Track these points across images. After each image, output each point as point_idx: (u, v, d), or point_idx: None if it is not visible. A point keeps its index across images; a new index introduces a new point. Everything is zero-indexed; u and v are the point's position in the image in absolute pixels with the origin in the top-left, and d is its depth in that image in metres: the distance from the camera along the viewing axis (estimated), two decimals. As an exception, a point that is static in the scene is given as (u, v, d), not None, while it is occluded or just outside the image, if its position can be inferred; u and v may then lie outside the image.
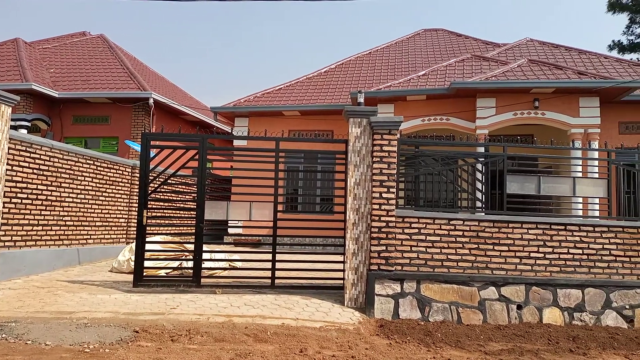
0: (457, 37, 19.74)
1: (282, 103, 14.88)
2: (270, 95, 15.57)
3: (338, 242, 7.06)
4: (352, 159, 6.61)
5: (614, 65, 14.46)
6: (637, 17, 31.20)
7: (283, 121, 14.90)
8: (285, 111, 14.75)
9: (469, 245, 6.41)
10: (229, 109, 14.99)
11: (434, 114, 12.83)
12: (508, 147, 6.86)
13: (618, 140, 11.83)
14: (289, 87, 16.14)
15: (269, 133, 12.39)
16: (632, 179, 7.21)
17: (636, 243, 6.50)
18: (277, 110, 14.73)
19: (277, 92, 15.80)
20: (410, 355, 4.70)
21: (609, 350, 5.21)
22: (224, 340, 4.74)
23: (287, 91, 15.85)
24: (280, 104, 14.80)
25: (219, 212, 6.84)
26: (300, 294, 6.70)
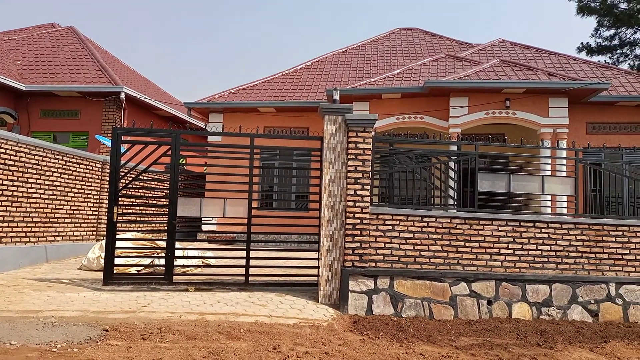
0: (432, 36, 19.98)
1: (258, 99, 14.78)
2: (245, 91, 15.45)
3: (313, 239, 7.07)
4: (327, 156, 6.62)
5: (582, 67, 14.88)
6: (604, 20, 32.16)
7: (258, 117, 14.81)
8: (261, 107, 14.66)
9: (441, 242, 6.51)
10: (203, 104, 14.80)
11: (408, 113, 12.96)
12: (479, 146, 6.98)
13: (585, 140, 12.19)
14: (265, 84, 16.05)
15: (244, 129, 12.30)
16: (598, 177, 7.45)
17: (601, 240, 6.71)
18: (253, 107, 14.63)
19: (252, 88, 15.68)
20: (383, 350, 4.75)
21: (574, 344, 5.37)
22: (196, 338, 4.69)
23: (263, 87, 15.76)
24: (255, 100, 14.70)
25: (192, 209, 6.75)
26: (274, 291, 6.69)
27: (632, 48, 32.67)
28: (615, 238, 6.73)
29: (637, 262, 6.72)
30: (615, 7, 31.25)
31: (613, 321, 6.43)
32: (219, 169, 7.02)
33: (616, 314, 6.52)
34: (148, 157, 6.75)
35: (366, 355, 4.52)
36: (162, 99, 18.19)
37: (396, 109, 13.01)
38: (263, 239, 13.06)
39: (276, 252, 8.33)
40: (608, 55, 33.06)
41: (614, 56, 32.95)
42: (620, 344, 5.43)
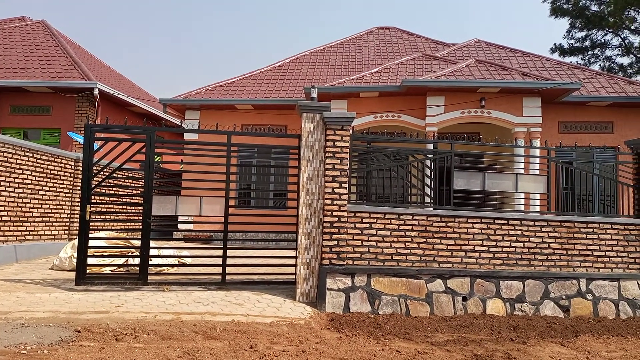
0: (409, 36, 20.13)
1: (235, 96, 14.65)
2: (222, 89, 15.30)
3: (291, 237, 7.05)
4: (305, 154, 6.60)
5: (555, 67, 15.21)
6: (577, 22, 32.93)
7: (236, 115, 14.69)
8: (238, 105, 14.54)
9: (417, 240, 6.57)
10: (180, 101, 14.59)
11: (386, 111, 13.03)
12: (455, 145, 7.06)
13: (558, 139, 12.47)
14: (242, 81, 15.92)
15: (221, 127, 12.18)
16: (569, 176, 7.62)
17: (572, 237, 6.88)
18: (230, 104, 14.49)
19: (229, 85, 15.54)
20: (360, 347, 4.77)
21: (546, 339, 5.49)
22: (171, 338, 4.63)
23: (240, 85, 15.63)
24: (233, 97, 14.56)
25: (167, 207, 6.65)
26: (251, 289, 6.65)
27: (602, 50, 33.55)
28: (586, 235, 6.91)
29: (606, 259, 6.91)
30: (587, 9, 32.04)
31: (583, 316, 6.60)
32: (195, 166, 6.94)
33: (586, 309, 6.69)
34: (122, 154, 6.63)
35: (343, 353, 4.53)
36: (137, 95, 17.87)
37: (374, 108, 13.07)
38: (241, 237, 12.98)
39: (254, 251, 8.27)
40: (580, 56, 33.88)
41: (586, 57, 33.78)
42: (590, 338, 5.58)
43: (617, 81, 14.15)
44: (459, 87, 12.17)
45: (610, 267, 6.91)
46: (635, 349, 5.26)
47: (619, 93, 13.15)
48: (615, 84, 13.80)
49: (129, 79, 21.33)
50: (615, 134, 13.23)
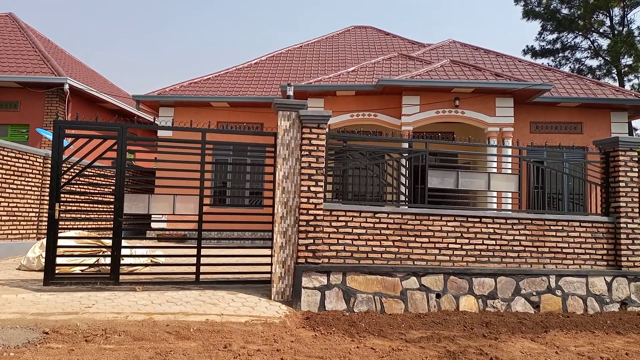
0: (385, 35, 20.26)
1: (211, 93, 14.48)
2: (197, 85, 15.11)
3: (267, 235, 7.02)
4: (281, 152, 6.57)
5: (527, 68, 15.53)
6: (548, 24, 33.71)
7: (211, 112, 14.53)
8: (214, 102, 14.39)
9: (392, 238, 6.62)
10: (153, 97, 14.35)
11: (362, 110, 13.09)
12: (429, 144, 7.13)
13: (529, 139, 12.74)
14: (218, 78, 15.75)
15: (196, 124, 12.03)
16: (540, 175, 7.79)
17: (543, 234, 7.03)
18: (205, 101, 14.32)
19: (205, 82, 15.36)
20: (335, 345, 4.77)
21: (517, 334, 5.60)
22: (143, 339, 4.54)
23: (216, 82, 15.46)
24: (208, 95, 14.39)
25: (139, 206, 6.53)
26: (226, 289, 6.58)
27: (572, 52, 34.44)
28: (556, 232, 7.07)
29: (575, 256, 7.09)
30: (557, 12, 32.82)
31: (553, 312, 6.76)
32: (169, 164, 6.82)
33: (556, 304, 6.85)
34: (93, 151, 6.47)
35: (318, 351, 4.53)
36: (109, 91, 17.50)
37: (350, 106, 13.11)
38: (216, 236, 12.86)
39: (229, 250, 8.20)
40: (551, 58, 34.70)
41: (557, 59, 34.62)
42: (560, 334, 5.71)
43: (586, 83, 14.54)
44: (433, 87, 12.30)
45: (578, 263, 7.10)
46: (601, 343, 5.41)
47: (588, 94, 13.51)
48: (585, 86, 14.18)
49: (101, 75, 20.87)
50: (584, 134, 13.60)
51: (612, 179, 7.42)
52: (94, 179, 9.65)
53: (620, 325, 6.22)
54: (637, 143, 7.42)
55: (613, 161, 7.43)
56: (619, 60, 31.03)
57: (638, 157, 7.45)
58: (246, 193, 13.28)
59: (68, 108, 14.18)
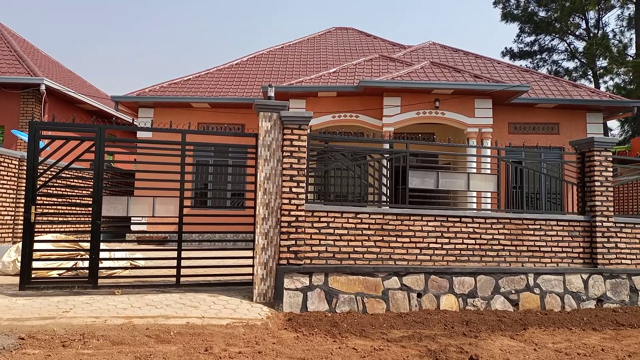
0: (367, 37, 20.36)
1: (191, 94, 14.37)
2: (177, 86, 14.96)
3: (249, 237, 6.97)
4: (262, 154, 6.55)
5: (506, 70, 15.76)
6: (526, 27, 34.30)
7: (192, 113, 14.40)
8: (194, 103, 14.26)
9: (374, 238, 6.65)
10: (132, 98, 14.15)
11: (344, 111, 13.12)
12: (410, 145, 7.19)
13: (507, 139, 12.92)
14: (198, 78, 15.63)
15: (176, 125, 11.91)
16: (519, 174, 7.92)
17: (521, 233, 7.15)
18: (186, 102, 14.19)
19: (185, 83, 15.22)
20: (317, 346, 4.77)
21: (497, 332, 5.67)
22: (122, 343, 4.48)
23: (196, 82, 15.33)
24: (188, 95, 14.27)
25: (118, 208, 6.43)
26: (207, 291, 6.53)
27: (550, 54, 35.11)
28: (534, 231, 7.20)
29: (552, 254, 7.23)
30: (535, 15, 33.42)
31: (531, 309, 6.87)
32: (149, 166, 6.73)
33: (534, 302, 6.97)
34: (70, 153, 6.36)
35: (300, 352, 4.53)
36: (87, 92, 17.21)
37: (332, 107, 13.14)
38: (197, 238, 12.73)
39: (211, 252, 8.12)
40: (529, 60, 35.32)
41: (534, 61, 35.26)
42: (538, 331, 5.81)
43: (562, 84, 14.84)
44: (414, 88, 12.40)
45: (556, 262, 7.23)
46: (578, 339, 5.52)
47: (565, 96, 13.79)
48: (561, 87, 14.47)
49: (78, 75, 20.52)
50: (561, 134, 13.87)
51: (588, 179, 7.58)
52: (72, 181, 9.48)
53: (596, 321, 6.36)
54: (611, 143, 7.59)
55: (589, 161, 7.59)
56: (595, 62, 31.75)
57: (613, 157, 7.63)
58: (228, 194, 13.19)
59: (44, 109, 13.90)
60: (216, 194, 13.27)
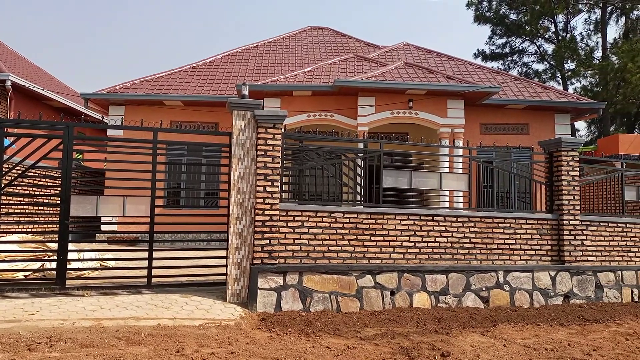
0: (342, 36, 20.43)
1: (164, 92, 14.14)
2: (149, 84, 14.70)
3: (223, 237, 6.90)
4: (236, 152, 6.50)
5: (477, 71, 16.05)
6: (497, 29, 35.00)
7: (164, 111, 14.17)
8: (167, 101, 14.04)
9: (348, 237, 6.68)
10: (103, 95, 13.84)
11: (319, 110, 13.14)
12: (384, 144, 7.25)
13: (479, 139, 13.17)
14: (171, 76, 15.39)
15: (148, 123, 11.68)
16: (489, 174, 8.07)
17: (491, 231, 7.29)
18: (158, 100, 13.95)
19: (157, 80, 14.97)
20: (291, 346, 4.77)
21: (468, 329, 5.78)
22: (91, 346, 4.38)
23: (169, 80, 15.10)
24: (161, 93, 14.03)
25: (87, 208, 6.28)
26: (179, 292, 6.44)
27: (520, 56, 35.93)
28: (504, 230, 7.35)
29: (521, 252, 7.40)
30: (506, 17, 34.13)
31: (501, 306, 7.02)
32: (119, 164, 6.59)
33: (504, 299, 7.12)
34: (37, 151, 6.17)
35: (273, 352, 4.51)
36: (56, 89, 16.76)
37: (307, 107, 13.13)
38: (170, 238, 12.54)
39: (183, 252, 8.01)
40: (500, 61, 36.07)
41: (506, 63, 36.02)
42: (507, 327, 5.94)
43: (532, 86, 15.20)
44: (388, 89, 12.51)
45: (525, 259, 7.40)
46: (546, 335, 5.67)
47: (534, 97, 14.12)
48: (531, 89, 14.81)
49: (47, 72, 19.95)
50: (530, 135, 14.20)
51: (556, 178, 7.78)
52: (39, 180, 9.22)
53: (563, 317, 6.54)
54: (578, 144, 7.81)
55: (556, 161, 7.80)
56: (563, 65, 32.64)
57: (579, 157, 7.86)
58: (201, 194, 13.04)
59: (10, 106, 13.47)
60: (189, 193, 13.09)
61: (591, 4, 31.09)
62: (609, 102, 27.07)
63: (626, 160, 11.01)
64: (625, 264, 7.98)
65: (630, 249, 8.09)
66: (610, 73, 27.64)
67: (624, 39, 30.24)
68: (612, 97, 27.67)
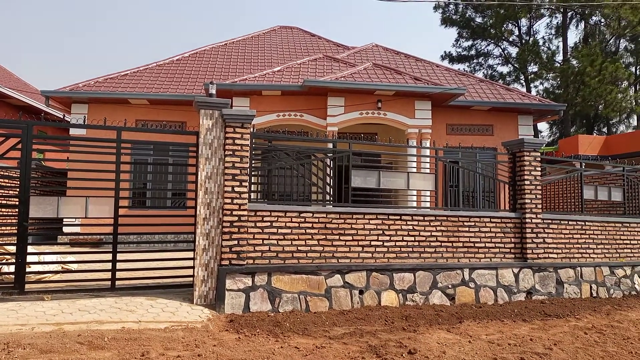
0: (311, 36, 20.44)
1: (129, 90, 13.82)
2: (114, 81, 14.35)
3: (190, 238, 6.79)
4: (204, 152, 6.41)
5: (444, 73, 16.36)
6: (464, 32, 35.73)
7: (129, 110, 13.86)
8: (132, 99, 13.73)
9: (317, 237, 6.69)
10: (65, 93, 13.42)
11: (288, 110, 13.11)
12: (353, 144, 7.29)
13: (445, 140, 13.41)
14: (137, 74, 15.06)
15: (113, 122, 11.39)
16: (456, 174, 8.23)
17: (457, 230, 7.44)
18: (123, 98, 13.63)
19: (122, 78, 14.62)
20: (259, 347, 4.74)
21: (434, 326, 5.87)
22: (51, 351, 4.23)
23: (135, 78, 14.77)
24: (126, 91, 13.72)
25: (48, 209, 6.07)
26: (145, 295, 6.30)
27: (486, 58, 36.79)
28: (469, 228, 7.51)
29: (486, 249, 7.57)
30: (472, 20, 34.89)
31: (467, 303, 7.17)
32: (82, 164, 6.40)
33: (469, 296, 7.27)
34: (-7, 150, 5.93)
35: (241, 354, 4.47)
36: (15, 86, 16.15)
37: (277, 106, 13.08)
38: (136, 239, 12.27)
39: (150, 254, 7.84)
40: (466, 64, 36.83)
41: (471, 65, 36.82)
42: (473, 324, 6.06)
43: (496, 88, 15.58)
44: (357, 89, 12.59)
45: (489, 257, 7.58)
46: (510, 330, 5.82)
47: (498, 99, 14.49)
48: (495, 91, 15.19)
49: (5, 68, 19.21)
50: (495, 135, 14.56)
51: (519, 178, 8.00)
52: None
53: (526, 313, 6.72)
54: (540, 144, 8.05)
55: (519, 161, 8.02)
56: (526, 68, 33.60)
57: (541, 157, 8.10)
58: (168, 194, 12.80)
59: (-35, 103, 12.90)
60: (156, 193, 12.84)
61: (553, 9, 32.14)
62: (570, 104, 28.07)
63: (585, 161, 11.41)
64: (585, 261, 8.28)
65: (589, 246, 8.40)
66: (571, 76, 28.66)
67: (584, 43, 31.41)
68: (573, 100, 28.70)
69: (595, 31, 32.22)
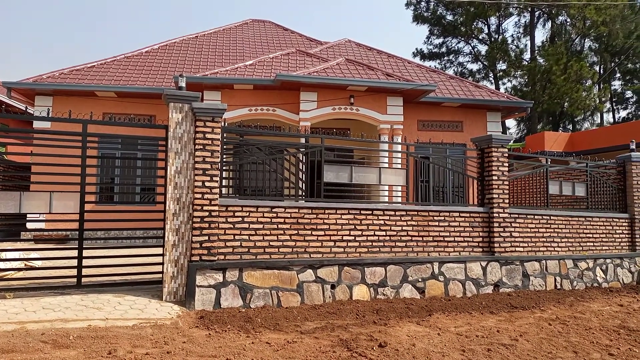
0: (284, 30, 20.31)
1: (96, 82, 13.44)
2: (80, 73, 13.93)
3: (160, 234, 6.67)
4: (173, 146, 6.30)
5: (415, 70, 16.52)
6: (435, 29, 36.15)
7: (96, 102, 13.50)
8: (99, 92, 13.37)
9: (289, 232, 6.67)
10: (28, 85, 12.96)
11: (260, 104, 13.00)
12: (326, 139, 7.29)
13: (417, 136, 13.58)
14: (104, 66, 14.66)
15: (78, 115, 11.08)
16: (426, 169, 8.34)
17: (427, 224, 7.54)
18: (89, 90, 13.25)
19: (89, 70, 14.20)
20: (229, 343, 4.70)
21: (405, 319, 5.94)
22: (13, 351, 4.09)
23: (102, 70, 14.37)
24: (92, 83, 13.34)
25: (9, 205, 5.84)
26: (112, 292, 6.17)
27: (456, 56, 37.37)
28: (439, 223, 7.62)
29: (455, 243, 7.71)
30: (443, 18, 35.34)
31: (437, 296, 7.29)
32: (47, 158, 6.20)
33: (439, 289, 7.40)
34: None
35: (211, 350, 4.42)
36: (-26, 76, 15.47)
37: (249, 101, 12.96)
38: (103, 236, 11.99)
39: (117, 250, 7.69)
40: (437, 61, 37.34)
41: (442, 62, 37.35)
42: (442, 316, 6.17)
43: (466, 85, 15.84)
44: (330, 84, 12.59)
45: (458, 250, 7.72)
46: (477, 322, 5.94)
47: (468, 96, 14.73)
48: (465, 88, 15.44)
49: (-37, 57, 18.38)
50: (465, 132, 14.81)
51: (487, 173, 8.17)
52: (-46, 174, 8.49)
53: (493, 305, 6.88)
54: (507, 140, 8.23)
55: (487, 157, 8.18)
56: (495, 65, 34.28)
57: (508, 153, 8.28)
58: (137, 189, 12.54)
59: None
60: (124, 188, 12.55)
61: (521, 8, 32.85)
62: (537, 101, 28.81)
63: (551, 157, 11.73)
64: (549, 254, 8.53)
65: (554, 239, 8.65)
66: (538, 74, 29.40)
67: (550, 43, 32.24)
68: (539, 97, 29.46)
69: (561, 31, 33.12)
